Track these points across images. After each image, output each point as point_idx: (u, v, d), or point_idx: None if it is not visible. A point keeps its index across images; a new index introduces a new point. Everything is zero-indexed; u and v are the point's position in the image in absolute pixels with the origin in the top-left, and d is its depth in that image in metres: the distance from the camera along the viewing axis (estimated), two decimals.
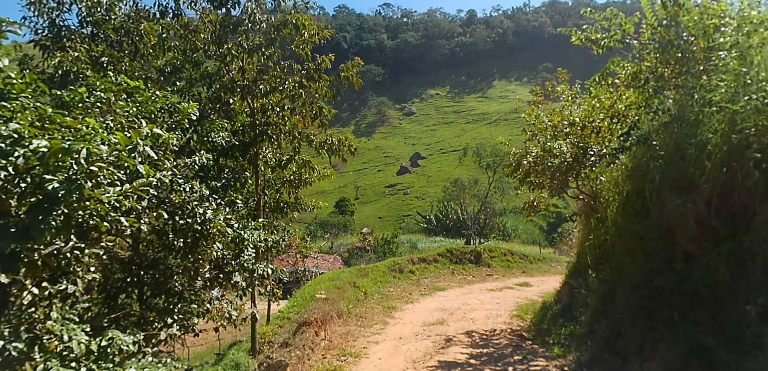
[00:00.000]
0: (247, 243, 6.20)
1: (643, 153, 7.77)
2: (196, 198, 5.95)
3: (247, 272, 6.51)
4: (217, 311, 6.54)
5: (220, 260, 6.22)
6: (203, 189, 6.02)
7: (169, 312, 5.86)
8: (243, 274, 6.46)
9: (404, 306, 14.60)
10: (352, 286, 14.93)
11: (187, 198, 5.79)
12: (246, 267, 6.47)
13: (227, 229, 6.03)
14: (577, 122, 9.95)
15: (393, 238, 34.46)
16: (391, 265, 19.56)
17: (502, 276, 22.63)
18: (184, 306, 6.04)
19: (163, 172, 4.87)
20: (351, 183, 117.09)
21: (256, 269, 6.63)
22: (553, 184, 10.80)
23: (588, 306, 9.00)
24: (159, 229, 5.89)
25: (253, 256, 6.83)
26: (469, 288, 18.66)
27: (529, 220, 73.99)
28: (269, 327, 10.84)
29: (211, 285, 6.33)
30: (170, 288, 5.96)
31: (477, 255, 24.16)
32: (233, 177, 7.88)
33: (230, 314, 6.50)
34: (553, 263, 27.37)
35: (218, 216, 5.88)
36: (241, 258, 6.42)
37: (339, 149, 9.64)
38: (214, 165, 8.18)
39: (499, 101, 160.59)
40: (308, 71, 8.69)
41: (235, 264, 6.39)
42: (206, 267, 6.25)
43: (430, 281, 19.53)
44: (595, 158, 9.23)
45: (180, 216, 5.83)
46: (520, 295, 17.23)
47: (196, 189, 5.97)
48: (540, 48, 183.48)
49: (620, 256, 8.20)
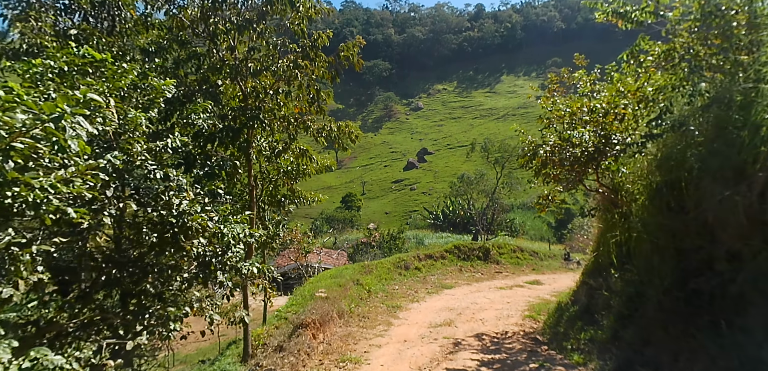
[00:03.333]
0: (228, 239, 5.47)
1: (677, 140, 6.95)
2: (173, 188, 5.23)
3: (232, 271, 5.79)
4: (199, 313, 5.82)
5: (201, 257, 5.50)
6: (179, 177, 5.29)
7: (140, 317, 5.15)
8: (227, 274, 5.74)
9: (410, 305, 13.86)
10: (355, 284, 14.20)
11: (160, 187, 5.07)
12: (230, 265, 5.76)
13: (208, 223, 5.31)
14: (598, 109, 9.13)
15: (399, 234, 33.62)
16: (397, 262, 18.81)
17: (511, 273, 21.82)
18: (159, 309, 5.33)
19: (114, 154, 4.12)
20: (357, 178, 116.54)
21: (241, 267, 5.91)
22: (570, 177, 9.97)
23: (611, 308, 8.21)
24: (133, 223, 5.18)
25: (240, 253, 6.11)
26: (477, 286, 17.88)
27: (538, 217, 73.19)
28: (265, 327, 10.15)
29: (189, 285, 5.60)
30: (143, 289, 5.25)
31: (485, 252, 23.36)
32: (218, 165, 7.12)
33: (212, 317, 5.79)
34: (563, 261, 26.50)
35: (194, 207, 5.15)
36: (225, 255, 5.70)
37: (338, 137, 8.87)
38: (201, 152, 7.46)
39: (507, 96, 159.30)
40: (303, 49, 7.91)
41: (218, 263, 5.66)
42: (186, 265, 5.53)
43: (436, 278, 18.77)
44: (620, 147, 8.41)
45: (153, 208, 5.11)
46: (531, 294, 16.43)
47: (173, 178, 5.24)
48: (549, 42, 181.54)
49: (648, 255, 7.41)
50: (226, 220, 5.58)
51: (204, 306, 5.75)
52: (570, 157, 9.17)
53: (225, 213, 5.75)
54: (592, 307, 9.28)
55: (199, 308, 5.73)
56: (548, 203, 11.56)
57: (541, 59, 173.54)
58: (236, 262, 5.82)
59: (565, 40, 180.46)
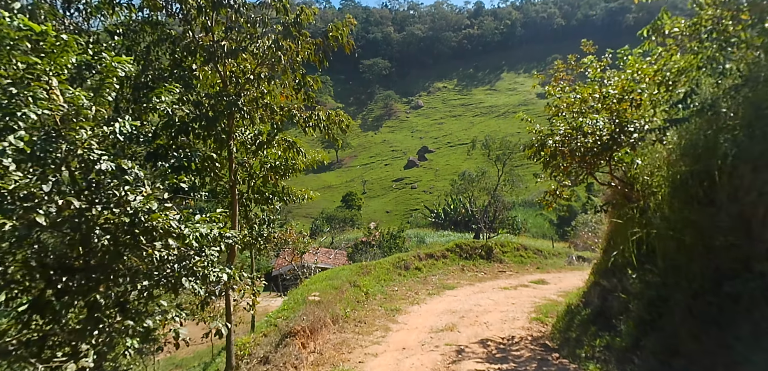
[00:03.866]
0: (190, 241, 4.70)
1: (706, 125, 6.21)
2: (130, 182, 4.49)
3: (199, 277, 5.04)
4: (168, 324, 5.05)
5: (162, 262, 4.76)
6: (136, 169, 4.54)
7: (89, 332, 4.40)
8: (192, 281, 4.98)
9: (409, 307, 13.12)
10: (352, 286, 13.47)
11: (112, 182, 4.33)
12: (196, 271, 5.00)
13: (172, 223, 4.56)
14: (611, 94, 8.38)
15: (399, 233, 32.80)
16: (396, 262, 18.07)
17: (515, 272, 21.07)
18: (110, 325, 4.58)
19: (17, 134, 3.39)
20: (358, 177, 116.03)
21: (209, 274, 5.15)
22: (580, 169, 9.21)
23: (629, 313, 7.46)
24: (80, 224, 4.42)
25: (213, 257, 5.37)
26: (480, 287, 17.13)
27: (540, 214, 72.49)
28: (253, 335, 9.42)
29: (150, 296, 4.85)
30: (93, 300, 4.50)
31: (488, 251, 22.61)
32: (185, 156, 6.33)
33: (177, 332, 5.03)
34: (569, 258, 25.76)
35: (149, 204, 4.40)
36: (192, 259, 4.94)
37: (328, 127, 8.10)
38: (172, 144, 6.69)
39: (508, 94, 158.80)
40: (285, 27, 7.13)
41: (182, 268, 4.91)
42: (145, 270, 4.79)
43: (438, 278, 18.03)
44: (638, 135, 7.64)
45: (104, 206, 4.37)
46: (537, 294, 15.68)
47: (130, 170, 4.49)
48: (549, 40, 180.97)
49: (672, 254, 6.65)
50: (189, 219, 4.82)
51: (169, 319, 5.00)
52: (581, 148, 8.41)
53: (188, 211, 5.00)
54: (607, 311, 8.54)
55: (163, 320, 4.98)
56: (555, 198, 10.79)
57: (541, 56, 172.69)
58: (204, 267, 5.07)
59: (565, 36, 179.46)
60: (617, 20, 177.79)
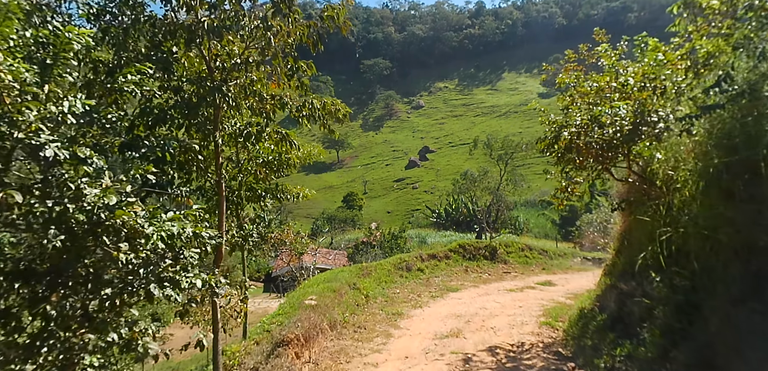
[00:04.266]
0: (155, 242, 4.05)
1: (743, 111, 5.56)
2: (90, 174, 3.86)
3: (169, 284, 4.38)
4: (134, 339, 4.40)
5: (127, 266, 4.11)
6: (95, 158, 3.91)
7: (34, 350, 3.76)
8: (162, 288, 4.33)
9: (412, 311, 12.47)
10: (352, 288, 12.82)
11: (60, 172, 3.70)
12: (165, 277, 4.36)
13: (138, 221, 3.92)
14: (630, 83, 7.73)
15: (400, 233, 32.08)
16: (398, 263, 17.42)
17: (520, 273, 20.43)
18: (66, 340, 3.94)
19: None
20: (359, 177, 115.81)
21: (180, 280, 4.49)
22: (596, 164, 8.55)
23: (654, 320, 6.81)
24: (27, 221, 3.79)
25: (192, 260, 4.73)
26: (485, 289, 16.48)
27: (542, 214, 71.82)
28: (244, 343, 8.79)
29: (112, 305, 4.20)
30: (40, 312, 3.85)
31: (492, 251, 21.96)
32: (158, 145, 5.65)
33: (145, 348, 4.39)
34: (575, 259, 25.10)
35: (107, 198, 3.75)
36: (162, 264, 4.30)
37: (322, 116, 7.44)
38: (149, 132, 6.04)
39: (509, 93, 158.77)
40: (275, 4, 6.45)
41: (149, 273, 4.26)
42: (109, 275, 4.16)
43: (441, 280, 17.38)
44: (664, 124, 6.98)
45: (56, 201, 3.73)
46: (544, 296, 15.03)
47: (90, 158, 3.85)
48: (550, 39, 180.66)
49: (703, 255, 6.00)
50: (155, 216, 4.17)
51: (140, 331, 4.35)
52: (598, 140, 7.75)
53: (154, 206, 4.36)
54: (626, 316, 7.89)
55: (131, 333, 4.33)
56: (568, 196, 10.14)
57: (542, 56, 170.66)
58: (175, 272, 4.42)
59: (567, 36, 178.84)
60: (619, 20, 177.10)
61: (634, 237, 9.12)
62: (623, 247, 10.34)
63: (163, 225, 4.09)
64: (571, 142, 8.04)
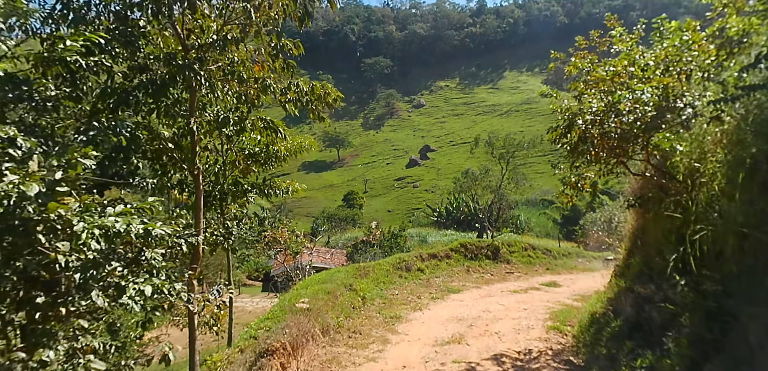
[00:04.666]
0: (87, 239, 3.35)
1: None
2: (16, 158, 3.18)
3: (114, 291, 3.69)
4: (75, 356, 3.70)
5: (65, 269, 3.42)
6: (20, 138, 3.21)
7: None
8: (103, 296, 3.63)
9: (411, 314, 11.78)
10: (348, 289, 12.12)
11: None
12: (108, 283, 3.66)
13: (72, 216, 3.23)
14: (651, 67, 7.03)
15: (400, 232, 31.13)
16: (397, 263, 16.71)
17: (524, 274, 19.73)
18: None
19: None
20: (359, 176, 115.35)
21: (127, 286, 3.79)
22: (611, 156, 7.84)
23: (679, 328, 6.10)
24: None
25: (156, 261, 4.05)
26: (488, 290, 15.80)
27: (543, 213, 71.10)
28: (228, 351, 8.09)
29: (43, 318, 3.51)
30: None
31: (495, 250, 21.26)
32: (110, 127, 4.92)
33: (88, 368, 3.68)
34: (579, 259, 24.39)
35: (25, 186, 3.06)
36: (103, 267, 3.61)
37: (311, 101, 6.70)
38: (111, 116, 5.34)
39: (510, 92, 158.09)
40: None
41: (89, 277, 3.56)
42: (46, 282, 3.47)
43: (442, 281, 16.69)
44: (691, 111, 6.27)
45: None
46: (549, 298, 14.34)
47: (14, 139, 3.16)
48: (552, 38, 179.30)
49: (739, 256, 5.31)
50: (88, 209, 3.46)
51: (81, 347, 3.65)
52: (616, 129, 7.04)
53: (87, 195, 3.68)
54: (645, 323, 7.19)
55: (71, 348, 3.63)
56: (578, 191, 9.43)
57: (544, 54, 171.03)
58: (122, 277, 3.72)
59: (568, 34, 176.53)
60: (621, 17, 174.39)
61: (650, 236, 8.44)
62: (636, 247, 9.65)
63: (97, 221, 3.39)
64: (585, 131, 7.33)
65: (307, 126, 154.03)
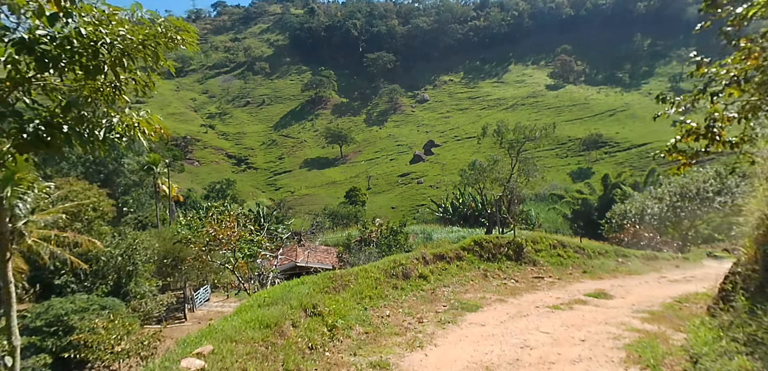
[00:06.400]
0: None
1: None
2: None
3: None
4: None
5: None
6: None
7: None
8: None
9: (406, 356, 7.38)
10: (309, 315, 7.80)
11: None
12: None
13: None
14: None
15: (401, 228, 25.95)
16: (391, 267, 12.27)
17: (557, 278, 15.36)
18: None
19: None
20: (362, 173, 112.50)
21: None
22: None
23: None
24: None
25: None
26: (516, 304, 11.41)
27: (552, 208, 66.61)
28: None
29: None
30: None
31: (517, 249, 16.89)
32: None
33: None
34: (619, 258, 19.88)
35: None
36: None
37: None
38: None
39: (516, 86, 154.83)
40: None
41: None
42: None
43: (452, 292, 12.32)
44: None
45: None
46: (607, 317, 9.98)
47: None
48: (557, 30, 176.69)
49: None
50: None
51: None
52: None
53: None
54: None
55: None
56: (711, 140, 5.07)
57: (549, 47, 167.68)
58: None
59: (574, 26, 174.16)
60: (628, 9, 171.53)
61: None
62: None
63: None
64: None
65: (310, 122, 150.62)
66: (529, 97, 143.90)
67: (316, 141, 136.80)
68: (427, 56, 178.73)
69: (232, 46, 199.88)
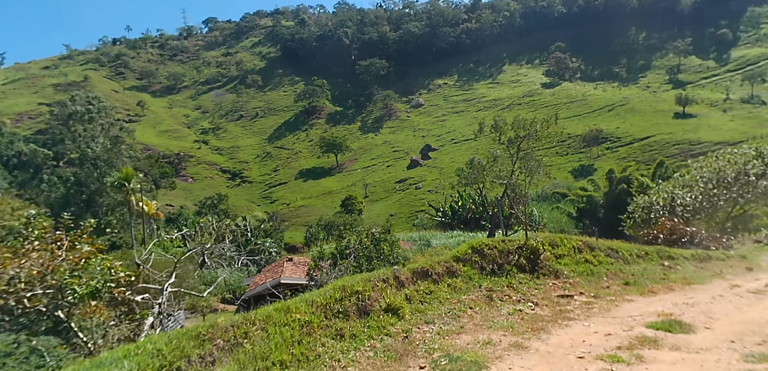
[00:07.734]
0: None
1: None
2: None
3: None
4: None
5: None
6: None
7: None
8: None
9: None
10: None
11: None
12: None
13: None
14: None
15: (385, 234, 20.77)
16: (337, 300, 7.56)
17: (592, 295, 10.72)
18: None
19: None
20: (359, 181, 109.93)
21: None
22: None
23: None
24: None
25: None
26: (543, 352, 6.75)
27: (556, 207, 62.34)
28: None
29: None
30: None
31: (532, 256, 12.24)
32: None
33: None
34: (664, 261, 15.05)
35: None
36: None
37: None
38: None
39: (511, 86, 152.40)
40: None
41: None
42: None
43: (439, 333, 7.64)
44: None
45: None
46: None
47: None
48: (550, 28, 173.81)
49: None
50: None
51: None
52: None
53: None
54: None
55: None
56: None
57: (543, 45, 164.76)
58: None
59: (567, 24, 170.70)
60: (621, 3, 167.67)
61: None
62: None
63: None
64: None
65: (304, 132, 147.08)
66: (525, 96, 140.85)
67: (311, 151, 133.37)
68: (420, 61, 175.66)
69: (224, 60, 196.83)
